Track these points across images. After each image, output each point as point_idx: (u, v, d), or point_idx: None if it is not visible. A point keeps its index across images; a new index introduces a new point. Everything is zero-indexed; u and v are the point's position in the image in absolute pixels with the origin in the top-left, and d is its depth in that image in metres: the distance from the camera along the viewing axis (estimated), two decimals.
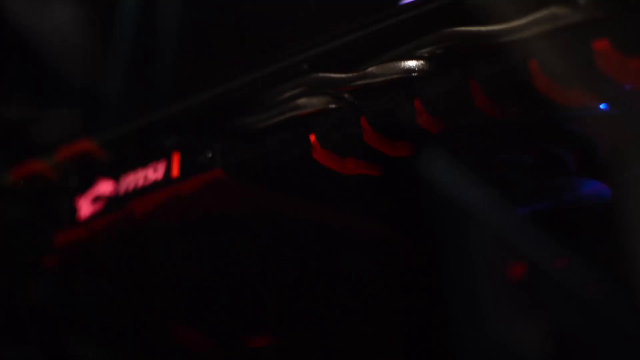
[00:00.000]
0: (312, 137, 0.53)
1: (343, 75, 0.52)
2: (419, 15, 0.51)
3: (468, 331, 0.56)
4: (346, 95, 0.52)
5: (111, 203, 0.60)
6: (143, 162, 0.59)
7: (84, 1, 0.74)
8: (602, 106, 0.50)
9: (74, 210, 0.61)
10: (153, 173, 0.59)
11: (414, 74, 0.50)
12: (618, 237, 0.55)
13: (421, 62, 0.50)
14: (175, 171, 0.58)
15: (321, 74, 0.53)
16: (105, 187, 0.61)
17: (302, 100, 0.53)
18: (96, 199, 0.61)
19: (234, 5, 0.66)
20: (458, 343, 0.57)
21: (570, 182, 0.56)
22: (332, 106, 0.53)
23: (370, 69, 0.51)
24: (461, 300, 0.57)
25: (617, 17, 0.45)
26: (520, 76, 0.47)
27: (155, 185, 0.58)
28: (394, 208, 0.60)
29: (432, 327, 0.64)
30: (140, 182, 0.59)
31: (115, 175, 0.60)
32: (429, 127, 0.50)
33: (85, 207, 0.61)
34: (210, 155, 0.56)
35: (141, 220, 0.59)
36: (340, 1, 0.59)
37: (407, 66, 0.50)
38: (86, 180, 0.62)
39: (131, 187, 0.59)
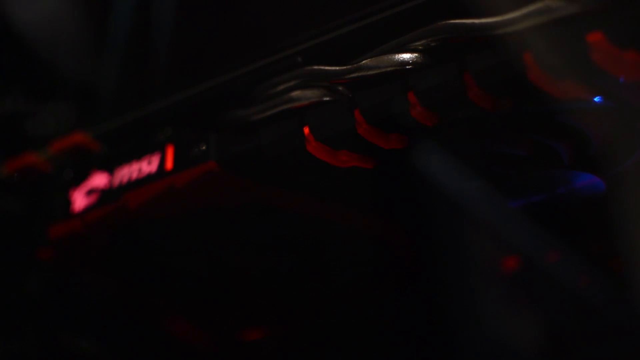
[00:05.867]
0: (306, 130, 0.53)
1: (337, 68, 0.52)
2: (413, 7, 0.51)
3: (461, 324, 0.56)
4: (340, 88, 0.52)
5: (105, 195, 0.60)
6: (137, 154, 0.59)
7: None
8: (596, 99, 0.50)
9: (68, 202, 0.61)
10: (147, 165, 0.58)
11: (408, 67, 0.50)
12: (612, 230, 0.55)
13: (415, 54, 0.50)
14: (169, 164, 0.58)
15: (315, 67, 0.53)
16: (99, 180, 0.61)
17: (296, 93, 0.53)
18: (90, 192, 0.61)
19: None
20: (451, 336, 0.57)
21: (564, 175, 0.56)
22: (326, 99, 0.53)
23: (364, 62, 0.51)
24: (454, 293, 0.57)
25: (612, 10, 0.45)
26: (515, 69, 0.47)
27: (149, 178, 0.58)
28: (388, 201, 0.60)
29: (425, 320, 0.64)
30: (135, 175, 0.59)
31: (110, 167, 0.60)
32: (423, 119, 0.50)
33: (79, 200, 0.61)
34: (204, 147, 0.56)
35: (135, 213, 0.59)
36: None
37: (401, 59, 0.50)
38: (80, 173, 0.62)
39: (125, 179, 0.59)
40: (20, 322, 0.71)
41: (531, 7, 0.47)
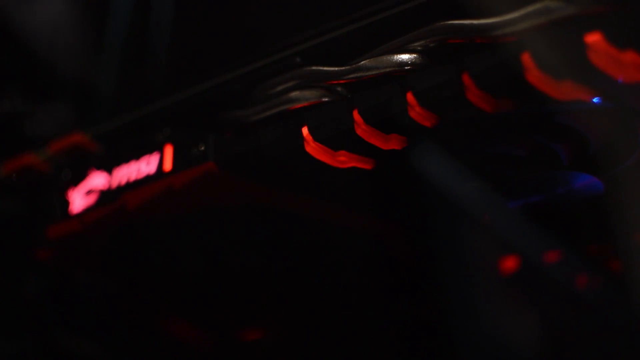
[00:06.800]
0: (305, 130, 0.53)
1: (336, 69, 0.52)
2: (412, 8, 0.51)
3: (460, 324, 0.56)
4: (339, 89, 0.52)
5: (104, 196, 0.60)
6: (136, 155, 0.59)
7: None
8: (595, 100, 0.50)
9: (66, 203, 0.61)
10: (146, 166, 0.58)
11: (406, 67, 0.50)
12: (610, 230, 0.55)
13: (414, 55, 0.50)
14: (168, 164, 0.58)
15: (314, 67, 0.53)
16: (98, 180, 0.61)
17: (294, 94, 0.53)
18: (89, 192, 0.61)
19: None
20: (450, 336, 0.57)
21: (563, 175, 0.56)
22: (325, 99, 0.53)
23: (363, 62, 0.51)
24: (453, 294, 0.57)
25: (611, 11, 0.45)
26: (513, 69, 0.47)
27: (148, 179, 0.58)
28: (387, 201, 0.60)
29: (424, 320, 0.64)
30: (133, 175, 0.59)
31: (108, 168, 0.60)
32: (422, 120, 0.50)
33: (78, 200, 0.61)
34: (203, 148, 0.56)
35: (134, 213, 0.59)
36: None
37: (400, 59, 0.50)
38: (79, 174, 0.62)
39: (124, 180, 0.59)
40: (19, 322, 0.71)
41: (530, 8, 0.47)
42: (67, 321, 0.71)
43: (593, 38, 0.45)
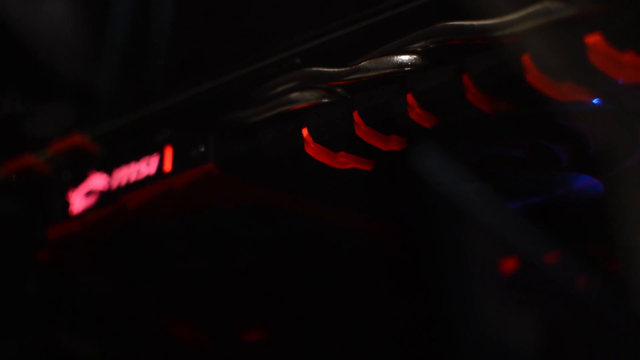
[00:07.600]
0: (305, 132, 0.53)
1: (336, 70, 0.52)
2: (412, 9, 0.51)
3: (460, 325, 0.56)
4: (339, 90, 0.52)
5: (104, 197, 0.60)
6: (136, 156, 0.59)
7: None
8: (594, 101, 0.50)
9: (66, 204, 0.61)
10: (146, 167, 0.58)
11: (406, 69, 0.50)
12: (610, 232, 0.55)
13: (414, 56, 0.50)
14: (167, 165, 0.58)
15: (314, 68, 0.53)
16: (98, 182, 0.61)
17: (294, 95, 0.53)
18: (89, 193, 0.61)
19: (226, 0, 0.66)
20: (450, 337, 0.57)
21: (563, 176, 0.56)
22: (325, 100, 0.53)
23: (363, 63, 0.51)
24: (453, 295, 0.57)
25: (610, 12, 0.45)
26: (513, 70, 0.47)
27: (148, 180, 0.58)
28: (387, 202, 0.60)
29: (424, 322, 0.64)
30: (133, 176, 0.59)
31: (108, 169, 0.60)
32: (422, 121, 0.50)
33: (78, 202, 0.61)
34: (202, 149, 0.56)
35: (134, 215, 0.59)
36: None
37: (400, 60, 0.50)
38: (79, 175, 0.62)
39: (124, 181, 0.59)
40: (19, 322, 0.71)
41: (530, 9, 0.47)
42: (67, 321, 0.71)
43: (593, 39, 0.45)
